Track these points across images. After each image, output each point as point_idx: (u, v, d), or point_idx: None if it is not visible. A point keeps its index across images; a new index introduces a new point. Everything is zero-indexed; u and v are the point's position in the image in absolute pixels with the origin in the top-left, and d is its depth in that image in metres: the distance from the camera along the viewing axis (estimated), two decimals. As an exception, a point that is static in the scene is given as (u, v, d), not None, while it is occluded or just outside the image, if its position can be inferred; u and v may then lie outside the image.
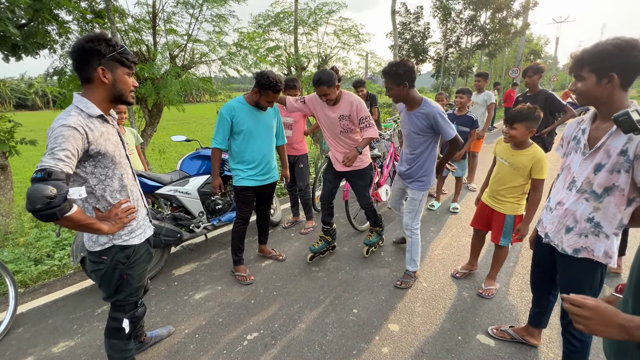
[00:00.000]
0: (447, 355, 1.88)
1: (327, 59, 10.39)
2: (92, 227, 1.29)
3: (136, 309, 1.61)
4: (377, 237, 2.98)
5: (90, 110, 1.29)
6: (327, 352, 1.92)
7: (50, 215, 1.12)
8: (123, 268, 1.46)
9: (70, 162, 1.19)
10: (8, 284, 2.23)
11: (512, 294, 2.42)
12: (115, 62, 1.32)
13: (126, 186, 1.45)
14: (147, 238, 1.58)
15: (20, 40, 4.09)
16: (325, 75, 2.29)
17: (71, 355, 1.93)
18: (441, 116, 2.19)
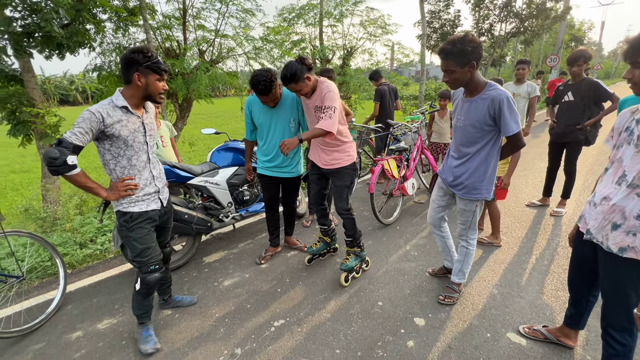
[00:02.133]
0: (475, 351, 1.84)
1: (352, 51, 10.25)
2: (92, 190, 1.67)
3: (147, 275, 1.84)
4: (355, 259, 2.48)
5: (117, 102, 1.65)
6: (352, 342, 1.94)
7: (53, 171, 1.52)
8: (125, 230, 1.80)
9: (82, 137, 1.55)
10: (59, 265, 2.43)
11: (547, 293, 2.32)
12: (149, 70, 1.65)
13: (134, 166, 1.76)
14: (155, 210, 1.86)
15: (64, 40, 4.33)
16: (289, 71, 2.03)
17: (114, 332, 2.09)
18: (509, 102, 1.76)
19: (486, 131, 1.87)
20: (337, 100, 2.12)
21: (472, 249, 2.21)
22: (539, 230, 3.29)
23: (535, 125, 9.71)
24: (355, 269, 2.51)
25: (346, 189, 2.40)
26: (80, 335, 2.07)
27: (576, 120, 3.37)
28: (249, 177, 2.85)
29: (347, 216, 2.44)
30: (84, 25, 4.64)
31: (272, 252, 2.93)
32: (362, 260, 2.57)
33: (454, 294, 2.26)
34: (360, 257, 2.54)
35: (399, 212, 3.66)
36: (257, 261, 2.82)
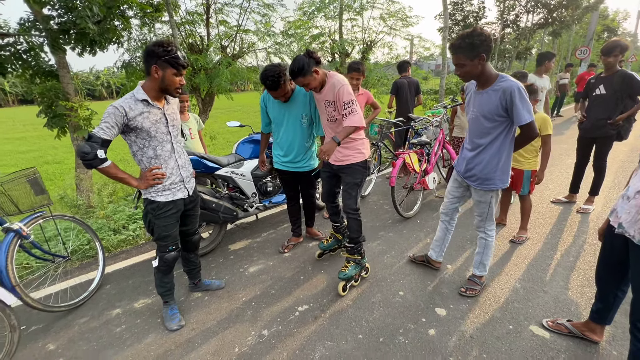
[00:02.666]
0: (497, 342, 1.86)
1: (371, 45, 10.16)
2: (124, 180, 1.79)
3: (165, 253, 1.99)
4: (355, 267, 2.34)
5: (138, 96, 1.74)
6: (374, 328, 2.00)
7: (87, 165, 1.66)
8: (151, 217, 1.93)
9: (108, 131, 1.67)
10: (98, 247, 2.61)
11: (572, 289, 2.29)
12: (167, 63, 1.70)
13: (160, 156, 1.86)
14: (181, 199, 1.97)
15: (96, 36, 4.52)
16: (296, 65, 1.99)
17: (149, 310, 2.24)
18: (520, 93, 1.77)
19: (498, 122, 1.89)
20: (352, 92, 2.06)
21: (492, 241, 2.22)
22: (564, 227, 3.23)
23: (562, 120, 9.35)
24: (354, 277, 2.37)
25: (356, 187, 2.28)
26: (119, 312, 2.23)
27: (607, 115, 3.26)
28: (262, 168, 2.90)
29: (354, 216, 2.31)
30: (114, 22, 4.84)
31: (295, 241, 3.02)
32: (362, 268, 2.43)
33: (475, 287, 2.27)
34: (360, 265, 2.39)
35: (420, 206, 3.67)
36: (280, 250, 2.92)
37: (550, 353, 1.78)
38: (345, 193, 2.31)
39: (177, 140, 1.95)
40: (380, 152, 4.43)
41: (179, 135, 2.00)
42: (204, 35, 6.96)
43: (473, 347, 1.84)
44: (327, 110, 2.18)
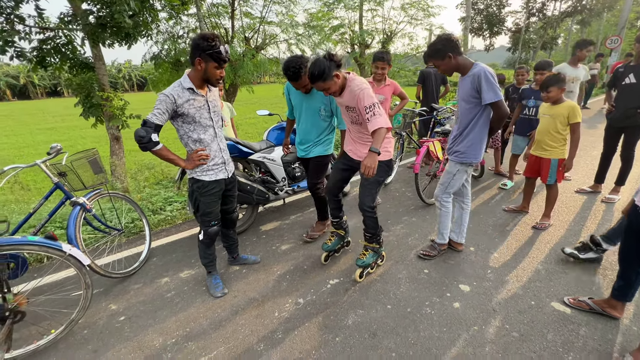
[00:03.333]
0: (520, 315, 1.99)
1: (391, 35, 10.10)
2: (173, 161, 1.97)
3: (208, 228, 2.19)
4: (373, 256, 2.39)
5: (185, 84, 1.91)
6: (401, 300, 2.16)
7: (142, 148, 1.85)
8: (197, 195, 2.11)
9: (160, 117, 1.86)
10: (145, 224, 2.87)
11: (593, 271, 2.37)
12: (209, 57, 1.84)
13: (203, 140, 2.03)
14: (222, 179, 2.16)
15: (131, 30, 4.75)
16: (317, 69, 1.94)
17: (195, 280, 2.47)
18: (486, 75, 2.05)
19: (473, 104, 2.19)
20: (373, 95, 2.01)
21: (446, 210, 2.55)
22: (588, 215, 3.26)
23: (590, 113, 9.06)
24: (371, 265, 2.42)
25: (376, 184, 2.25)
26: (168, 281, 2.48)
27: (637, 104, 3.24)
28: (285, 151, 3.01)
29: (371, 214, 2.29)
30: (146, 15, 5.05)
31: (324, 226, 3.08)
32: (379, 256, 2.48)
33: (432, 251, 2.61)
34: (378, 254, 2.44)
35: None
36: (303, 237, 2.98)
37: (571, 326, 1.89)
38: (365, 189, 2.24)
39: (218, 126, 2.13)
40: (403, 141, 4.52)
41: (220, 121, 2.17)
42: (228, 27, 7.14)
43: (496, 319, 1.97)
44: (350, 115, 2.17)
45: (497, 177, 4.49)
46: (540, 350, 1.74)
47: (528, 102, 3.81)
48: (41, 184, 6.04)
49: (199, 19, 6.26)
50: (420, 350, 1.77)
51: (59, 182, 2.20)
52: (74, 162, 2.27)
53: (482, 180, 4.37)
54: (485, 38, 16.77)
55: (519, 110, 3.95)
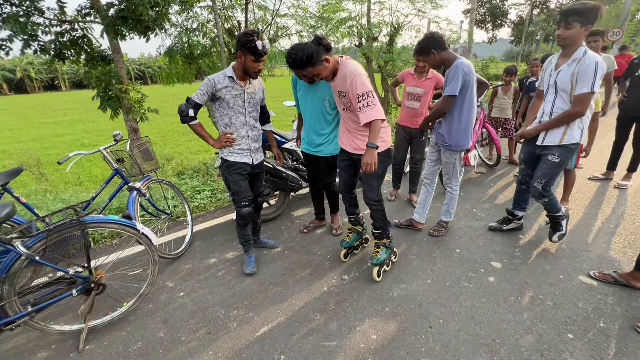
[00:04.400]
0: (550, 287, 2.17)
1: (399, 28, 10.15)
2: (204, 138, 2.19)
3: (240, 208, 2.34)
4: (386, 251, 2.36)
5: (227, 73, 2.12)
6: (439, 275, 2.33)
7: (182, 120, 2.09)
8: (226, 173, 2.30)
9: (202, 97, 2.08)
10: (187, 209, 3.01)
11: (614, 250, 2.55)
12: (248, 51, 2.01)
13: (233, 124, 2.22)
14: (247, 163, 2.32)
15: (150, 23, 4.81)
16: (305, 54, 1.84)
17: (241, 260, 2.63)
18: (454, 70, 2.25)
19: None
20: (368, 82, 1.89)
21: (456, 194, 2.80)
22: (603, 200, 3.44)
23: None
24: (386, 262, 2.38)
25: (377, 177, 2.19)
26: (215, 261, 2.63)
27: (650, 94, 3.40)
28: (299, 145, 2.86)
29: (377, 207, 2.26)
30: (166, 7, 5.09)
31: (316, 224, 3.06)
32: (392, 251, 2.44)
33: (441, 229, 2.86)
34: (390, 249, 2.40)
35: (462, 181, 3.93)
36: (302, 229, 3.02)
37: (599, 296, 2.07)
38: (366, 184, 2.22)
39: (251, 116, 2.27)
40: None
41: (255, 112, 2.30)
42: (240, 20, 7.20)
43: (530, 290, 2.15)
44: (342, 101, 2.09)
45: (511, 165, 4.66)
46: (574, 316, 1.92)
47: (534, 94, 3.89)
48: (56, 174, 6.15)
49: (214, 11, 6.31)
50: (465, 317, 1.95)
51: (118, 168, 2.34)
52: (133, 149, 2.40)
53: (498, 168, 4.54)
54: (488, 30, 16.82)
55: (526, 102, 4.07)
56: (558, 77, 2.18)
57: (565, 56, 2.18)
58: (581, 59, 2.07)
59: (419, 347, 1.76)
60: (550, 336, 1.79)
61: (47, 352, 1.82)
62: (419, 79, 3.11)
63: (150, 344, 1.85)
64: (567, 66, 2.14)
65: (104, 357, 1.78)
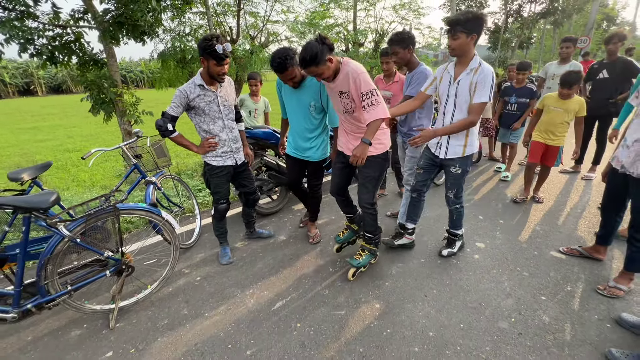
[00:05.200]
0: (526, 261, 2.49)
1: (383, 35, 10.60)
2: (187, 147, 2.25)
3: (217, 205, 2.50)
4: (368, 257, 2.36)
5: (196, 81, 2.17)
6: (430, 255, 2.62)
7: (162, 134, 2.15)
8: (208, 175, 2.42)
9: (177, 109, 2.14)
10: (195, 204, 3.20)
11: (581, 230, 2.93)
12: (209, 56, 2.06)
13: (212, 130, 2.29)
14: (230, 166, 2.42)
15: (146, 28, 4.94)
16: (308, 53, 1.77)
17: (249, 249, 2.84)
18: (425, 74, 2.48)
19: None
20: (371, 81, 1.88)
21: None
22: (571, 189, 3.85)
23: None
24: (365, 265, 2.41)
25: (374, 180, 2.18)
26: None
27: (609, 95, 3.85)
28: (281, 152, 2.85)
29: (370, 211, 2.25)
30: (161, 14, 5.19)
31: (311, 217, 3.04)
32: (374, 257, 2.44)
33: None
34: (373, 255, 2.42)
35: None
36: (299, 225, 3.15)
37: (567, 267, 2.41)
38: (362, 187, 2.21)
39: (228, 118, 2.33)
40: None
41: (231, 114, 2.37)
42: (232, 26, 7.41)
43: (509, 264, 2.46)
44: (343, 102, 2.02)
45: (491, 162, 5.07)
46: (546, 283, 2.25)
47: (510, 99, 4.19)
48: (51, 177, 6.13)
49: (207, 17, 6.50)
50: (455, 287, 2.24)
51: (137, 163, 2.51)
52: (152, 145, 2.58)
53: (479, 164, 4.93)
54: (466, 37, 17.63)
55: (501, 105, 4.34)
56: (459, 86, 2.14)
57: (461, 65, 2.14)
58: (478, 69, 2.06)
59: (417, 312, 2.02)
60: (526, 299, 2.10)
61: (79, 330, 1.98)
62: (387, 83, 3.15)
63: (176, 320, 2.04)
64: (466, 75, 2.10)
65: (134, 332, 1.95)
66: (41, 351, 1.84)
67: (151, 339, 1.90)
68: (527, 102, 4.12)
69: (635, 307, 2.01)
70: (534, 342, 1.78)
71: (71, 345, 1.87)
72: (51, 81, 43.70)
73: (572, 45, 4.05)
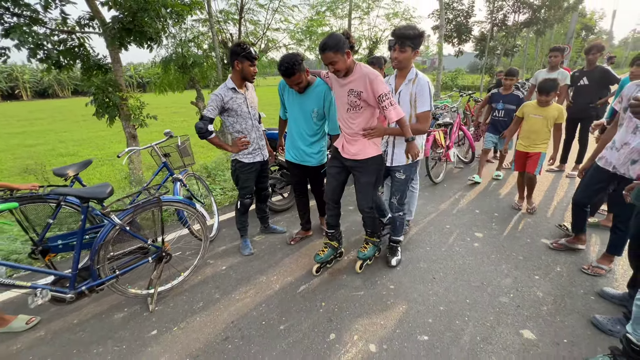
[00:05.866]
0: (521, 247, 2.79)
1: (377, 42, 11.02)
2: (222, 147, 2.45)
3: (243, 199, 2.70)
4: (373, 249, 2.53)
5: (229, 85, 2.38)
6: (435, 244, 2.88)
7: (201, 136, 2.30)
8: (238, 172, 2.60)
9: (213, 111, 2.33)
10: (212, 200, 3.39)
11: (567, 221, 3.24)
12: (245, 58, 2.31)
13: (244, 129, 2.50)
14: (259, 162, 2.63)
15: (153, 34, 5.12)
16: (331, 39, 1.89)
17: (268, 242, 3.05)
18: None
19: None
20: (385, 84, 2.00)
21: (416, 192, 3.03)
22: (557, 186, 4.20)
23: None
24: (370, 258, 2.56)
25: (371, 186, 2.26)
26: (245, 243, 3.03)
27: (589, 100, 4.23)
28: (280, 152, 2.96)
29: (369, 214, 2.38)
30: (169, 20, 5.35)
31: (303, 235, 3.08)
32: (378, 249, 2.61)
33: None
34: (377, 247, 2.58)
35: (444, 174, 4.58)
36: (288, 242, 2.99)
37: (556, 251, 2.71)
38: (360, 194, 2.32)
39: (255, 118, 2.56)
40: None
41: (256, 115, 2.60)
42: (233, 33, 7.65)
43: (506, 250, 2.75)
44: (350, 99, 2.07)
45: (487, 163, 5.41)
46: (539, 264, 2.54)
47: (497, 105, 4.26)
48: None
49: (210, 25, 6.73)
50: (459, 270, 2.50)
51: (166, 162, 2.70)
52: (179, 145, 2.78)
53: (473, 165, 5.26)
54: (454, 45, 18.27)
55: (489, 111, 4.43)
56: (400, 97, 2.24)
57: (401, 78, 2.25)
58: (416, 79, 2.17)
59: (427, 291, 2.28)
60: (522, 278, 2.38)
61: (121, 313, 2.16)
62: None
63: (210, 303, 2.23)
64: (405, 86, 2.22)
65: (173, 314, 2.14)
66: (90, 331, 2.01)
67: (190, 319, 2.09)
68: (514, 108, 4.09)
69: (614, 283, 2.31)
70: (530, 312, 2.06)
71: (117, 326, 2.05)
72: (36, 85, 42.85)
73: (560, 55, 4.33)
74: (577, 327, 1.93)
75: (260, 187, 2.89)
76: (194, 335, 1.96)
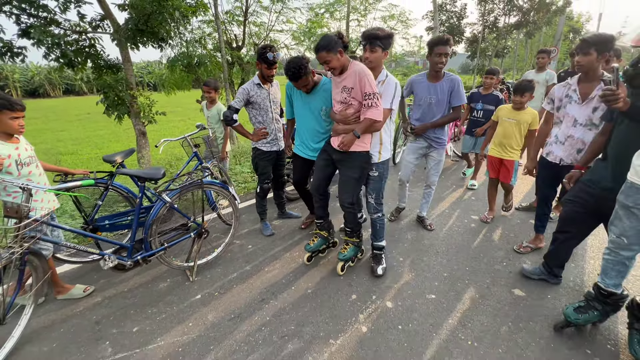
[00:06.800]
0: (512, 227, 3.17)
1: (374, 43, 11.38)
2: (245, 135, 2.76)
3: (262, 185, 2.97)
4: (353, 249, 2.52)
5: (255, 81, 2.69)
6: (438, 225, 3.24)
7: (227, 123, 2.61)
8: (257, 159, 2.89)
9: (239, 103, 2.62)
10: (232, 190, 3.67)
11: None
12: (262, 60, 2.60)
13: (265, 120, 2.79)
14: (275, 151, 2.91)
15: (165, 35, 5.37)
16: (323, 40, 1.99)
17: (286, 225, 3.36)
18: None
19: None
20: (375, 85, 2.04)
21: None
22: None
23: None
24: (352, 259, 2.56)
25: (354, 181, 2.27)
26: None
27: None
28: (288, 153, 3.06)
29: (350, 209, 2.38)
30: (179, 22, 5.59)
31: (312, 218, 3.25)
32: (359, 250, 2.61)
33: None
34: (358, 248, 2.57)
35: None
36: (300, 226, 3.27)
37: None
38: (342, 186, 2.32)
39: (276, 112, 2.85)
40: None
41: (278, 109, 2.89)
42: (237, 34, 7.94)
43: (499, 229, 3.13)
44: (342, 96, 2.15)
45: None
46: (528, 240, 2.90)
47: (476, 105, 4.13)
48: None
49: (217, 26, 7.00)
50: (459, 245, 2.86)
51: (196, 152, 3.00)
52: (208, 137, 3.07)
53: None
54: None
55: (467, 112, 4.31)
56: None
57: None
58: (385, 80, 2.21)
59: (432, 262, 2.62)
60: (511, 251, 2.75)
61: (165, 283, 2.45)
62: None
63: (243, 274, 2.54)
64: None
65: (211, 282, 2.44)
66: (140, 297, 2.30)
67: (227, 286, 2.40)
68: (493, 109, 3.79)
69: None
70: (520, 277, 2.42)
71: (164, 293, 2.34)
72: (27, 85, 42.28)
73: (547, 56, 4.53)
74: (560, 286, 2.29)
75: (277, 174, 3.18)
76: (233, 299, 2.26)
